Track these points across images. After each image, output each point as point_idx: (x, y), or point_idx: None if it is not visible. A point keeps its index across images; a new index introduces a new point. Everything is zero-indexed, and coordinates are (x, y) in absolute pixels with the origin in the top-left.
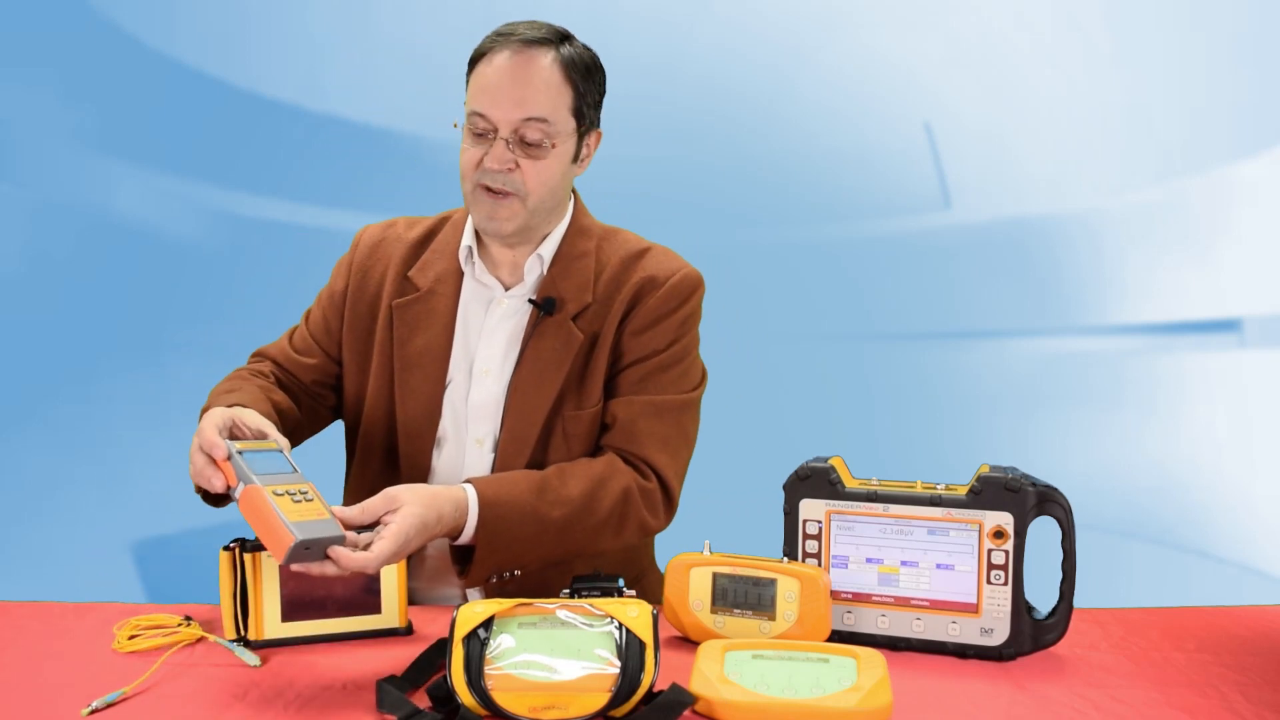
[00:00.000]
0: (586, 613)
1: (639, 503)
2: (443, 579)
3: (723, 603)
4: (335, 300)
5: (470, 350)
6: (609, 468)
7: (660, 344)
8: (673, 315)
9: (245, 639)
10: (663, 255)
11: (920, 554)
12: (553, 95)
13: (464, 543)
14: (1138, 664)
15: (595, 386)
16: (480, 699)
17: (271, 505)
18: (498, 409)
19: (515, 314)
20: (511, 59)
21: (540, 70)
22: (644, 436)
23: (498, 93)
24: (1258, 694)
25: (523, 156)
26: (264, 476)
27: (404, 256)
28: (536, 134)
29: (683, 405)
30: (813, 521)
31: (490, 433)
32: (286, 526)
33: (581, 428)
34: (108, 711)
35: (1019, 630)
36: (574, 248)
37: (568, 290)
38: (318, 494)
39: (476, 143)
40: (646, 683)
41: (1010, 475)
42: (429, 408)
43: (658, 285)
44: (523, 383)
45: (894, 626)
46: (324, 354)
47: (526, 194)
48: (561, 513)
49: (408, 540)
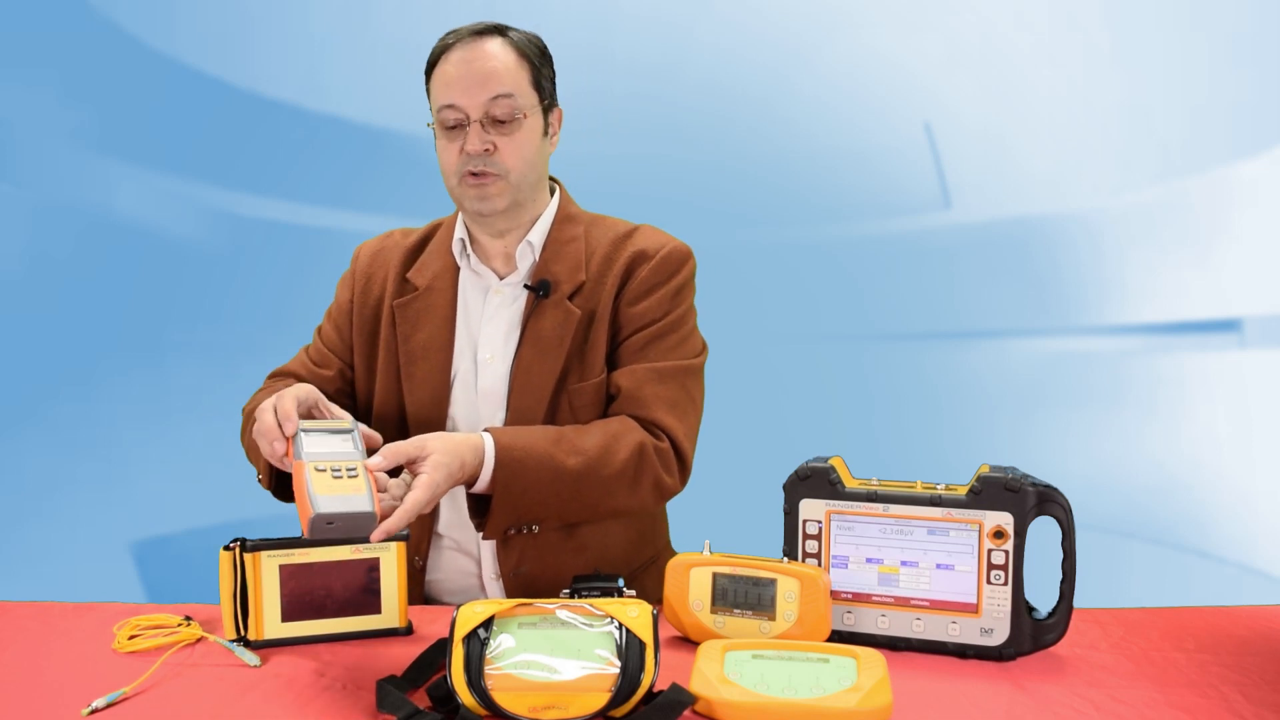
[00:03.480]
0: (586, 613)
1: (654, 459)
2: (458, 567)
3: (723, 603)
4: (343, 310)
5: (473, 340)
6: (623, 424)
7: (657, 313)
8: (666, 285)
9: (245, 639)
10: (651, 231)
11: (920, 554)
12: (512, 71)
13: (481, 490)
14: (1138, 664)
15: (597, 359)
16: (480, 699)
17: (306, 480)
18: (504, 393)
19: (512, 301)
20: (466, 50)
21: (495, 53)
22: (651, 400)
23: (462, 81)
24: (1258, 694)
25: (497, 135)
26: (314, 454)
27: (402, 260)
28: (505, 110)
29: (686, 370)
30: (813, 521)
31: (500, 416)
32: (311, 500)
33: (586, 399)
34: (108, 711)
35: (1019, 630)
36: (563, 233)
37: (561, 272)
38: (366, 474)
39: (452, 137)
40: (646, 683)
41: (1010, 475)
42: (436, 398)
43: (649, 257)
44: (525, 363)
45: (894, 626)
46: (341, 363)
47: (508, 170)
48: (577, 461)
49: (437, 488)
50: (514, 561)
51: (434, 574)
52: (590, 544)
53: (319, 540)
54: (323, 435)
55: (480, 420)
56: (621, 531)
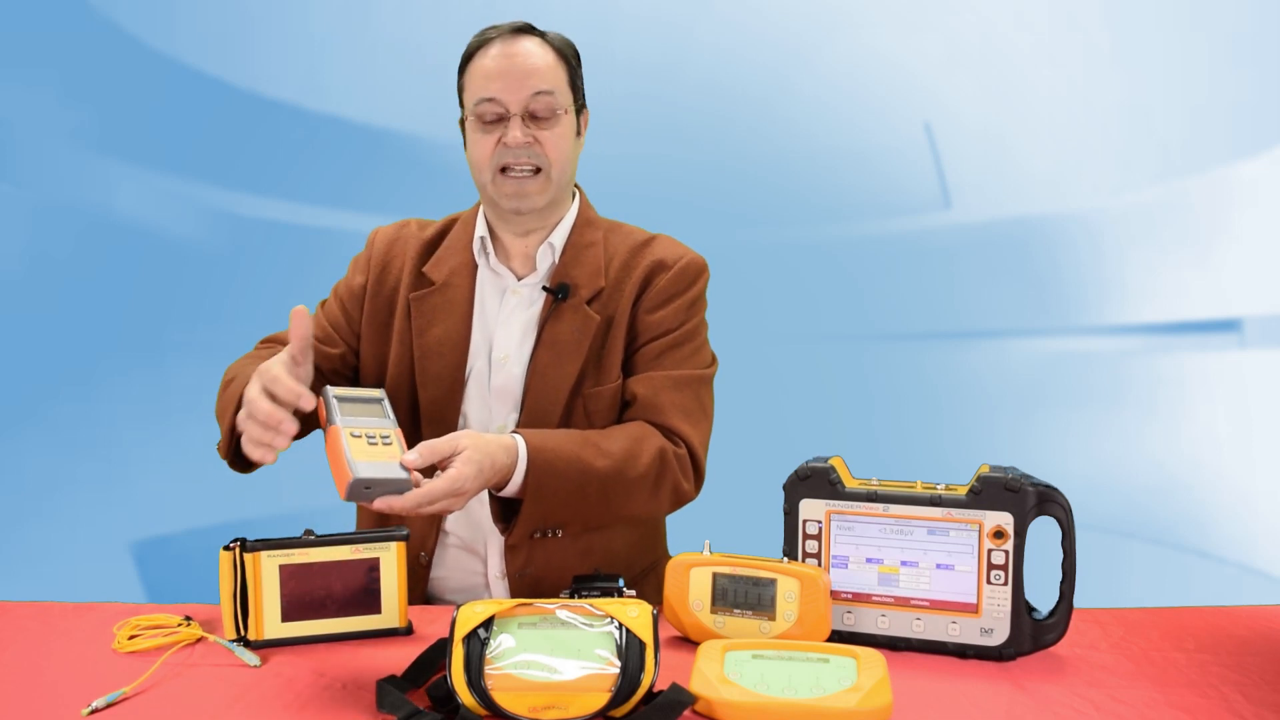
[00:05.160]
0: (586, 613)
1: (674, 465)
2: (463, 566)
3: (723, 603)
4: (355, 293)
5: (488, 338)
6: (644, 429)
7: (673, 323)
8: (683, 295)
9: (245, 639)
10: (669, 242)
11: (920, 554)
12: (552, 69)
13: (512, 492)
14: (1138, 664)
15: (613, 364)
16: (480, 699)
17: (343, 445)
18: (519, 393)
19: (531, 302)
20: (506, 46)
21: (535, 50)
22: (667, 407)
23: (504, 76)
24: (1258, 694)
25: (538, 130)
26: (349, 420)
27: (418, 252)
28: (545, 106)
29: (699, 380)
30: (813, 521)
31: (513, 417)
32: (349, 464)
33: (602, 404)
34: (108, 711)
35: (1019, 630)
36: (583, 237)
37: (580, 276)
38: (400, 441)
39: (488, 130)
40: (646, 683)
41: (1010, 475)
42: (450, 393)
43: (667, 267)
44: (541, 366)
45: (894, 626)
46: (344, 344)
47: (549, 164)
48: (605, 464)
49: (464, 484)
50: (521, 563)
51: (438, 571)
52: (595, 547)
53: (321, 540)
54: (355, 403)
55: (493, 419)
56: (625, 536)
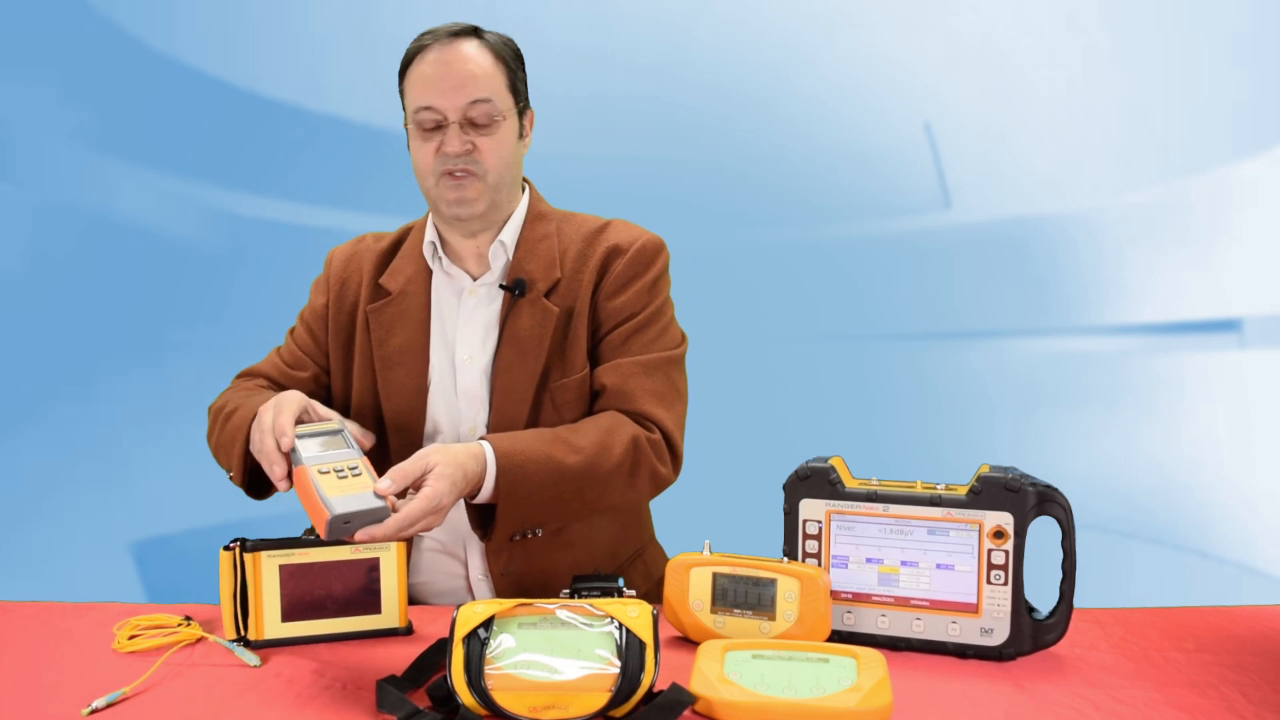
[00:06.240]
0: (586, 613)
1: (648, 451)
2: (443, 569)
3: (723, 603)
4: (319, 314)
5: (449, 342)
6: (615, 419)
7: (636, 306)
8: (642, 278)
9: (245, 639)
10: (623, 226)
11: (920, 554)
12: (489, 76)
13: (484, 499)
14: (1138, 664)
15: (578, 355)
16: (480, 699)
17: (314, 484)
18: (485, 392)
19: (488, 301)
20: (443, 52)
21: (472, 56)
22: (638, 394)
23: (440, 83)
24: (1258, 694)
25: (476, 136)
26: (314, 457)
27: (375, 264)
28: (483, 115)
29: (668, 361)
30: (813, 521)
31: (482, 417)
32: (324, 502)
33: (570, 396)
34: (108, 711)
35: (1019, 630)
36: (535, 231)
37: (535, 270)
38: (368, 469)
39: (428, 137)
40: (646, 683)
41: (1010, 475)
42: (414, 403)
43: (623, 251)
44: (505, 364)
45: (894, 626)
46: (316, 366)
47: (486, 171)
48: (577, 460)
49: (440, 500)
50: (503, 562)
51: (416, 577)
52: (577, 540)
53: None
54: (316, 438)
55: (463, 421)
56: (607, 527)
